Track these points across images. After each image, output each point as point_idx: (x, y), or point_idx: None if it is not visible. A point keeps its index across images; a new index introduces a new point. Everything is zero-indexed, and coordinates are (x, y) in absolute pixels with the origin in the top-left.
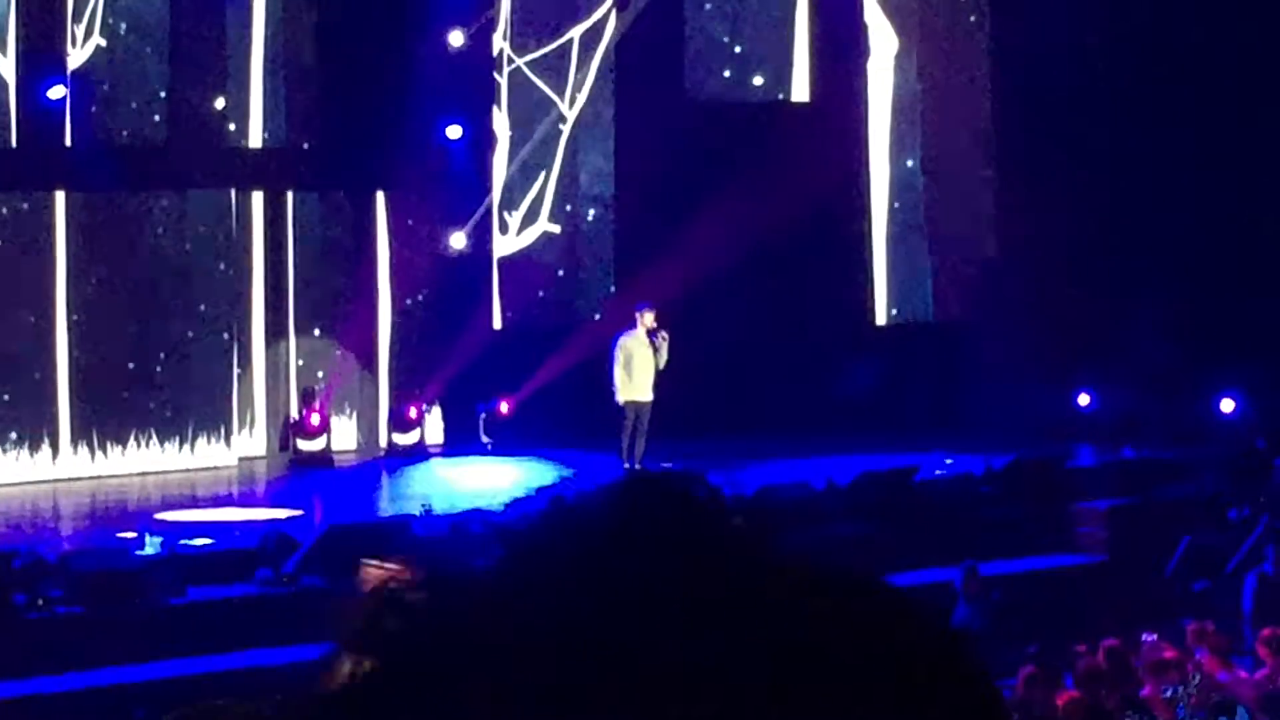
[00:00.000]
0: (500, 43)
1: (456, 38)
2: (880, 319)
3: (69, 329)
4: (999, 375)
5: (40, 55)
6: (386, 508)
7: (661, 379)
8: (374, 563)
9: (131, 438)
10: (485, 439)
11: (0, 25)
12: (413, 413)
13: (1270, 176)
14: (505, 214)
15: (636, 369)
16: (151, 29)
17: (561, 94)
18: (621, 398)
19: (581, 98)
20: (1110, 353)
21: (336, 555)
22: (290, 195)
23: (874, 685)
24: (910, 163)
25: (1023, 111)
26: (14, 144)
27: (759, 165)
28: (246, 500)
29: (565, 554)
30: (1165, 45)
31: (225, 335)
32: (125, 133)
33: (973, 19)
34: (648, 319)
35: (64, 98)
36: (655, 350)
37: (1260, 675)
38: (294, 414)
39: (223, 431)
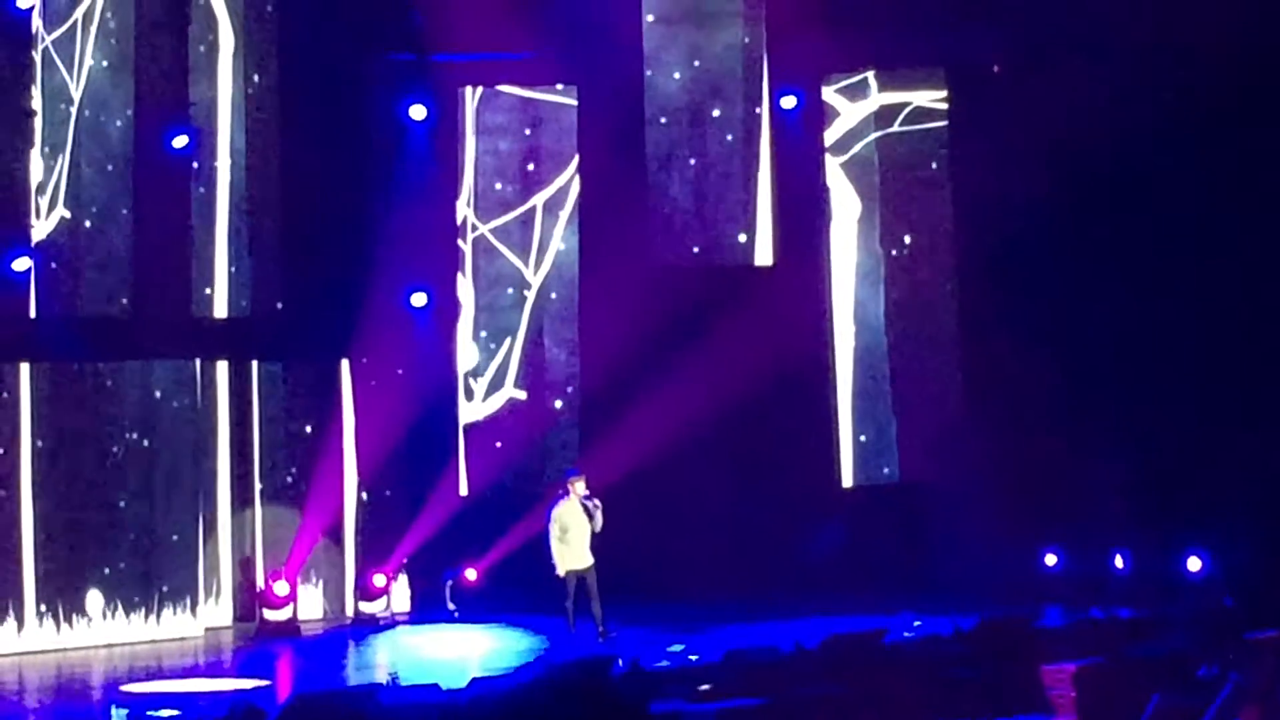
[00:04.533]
0: (464, 210)
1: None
2: (847, 480)
3: (33, 500)
4: (966, 536)
5: (4, 227)
6: (353, 677)
7: (625, 542)
8: None
9: (97, 609)
10: (452, 607)
11: None
12: (379, 581)
13: (1233, 335)
14: (470, 380)
15: (574, 537)
16: (115, 199)
17: (525, 260)
18: (562, 569)
19: (545, 263)
20: (1076, 512)
21: None
22: (255, 364)
23: None
24: (873, 323)
25: (985, 270)
26: None
27: (723, 329)
28: (213, 670)
29: None
30: (1135, 201)
31: (191, 505)
32: (89, 303)
33: (933, 179)
34: (579, 487)
35: (29, 269)
36: (590, 516)
37: None
38: (260, 583)
39: (189, 601)
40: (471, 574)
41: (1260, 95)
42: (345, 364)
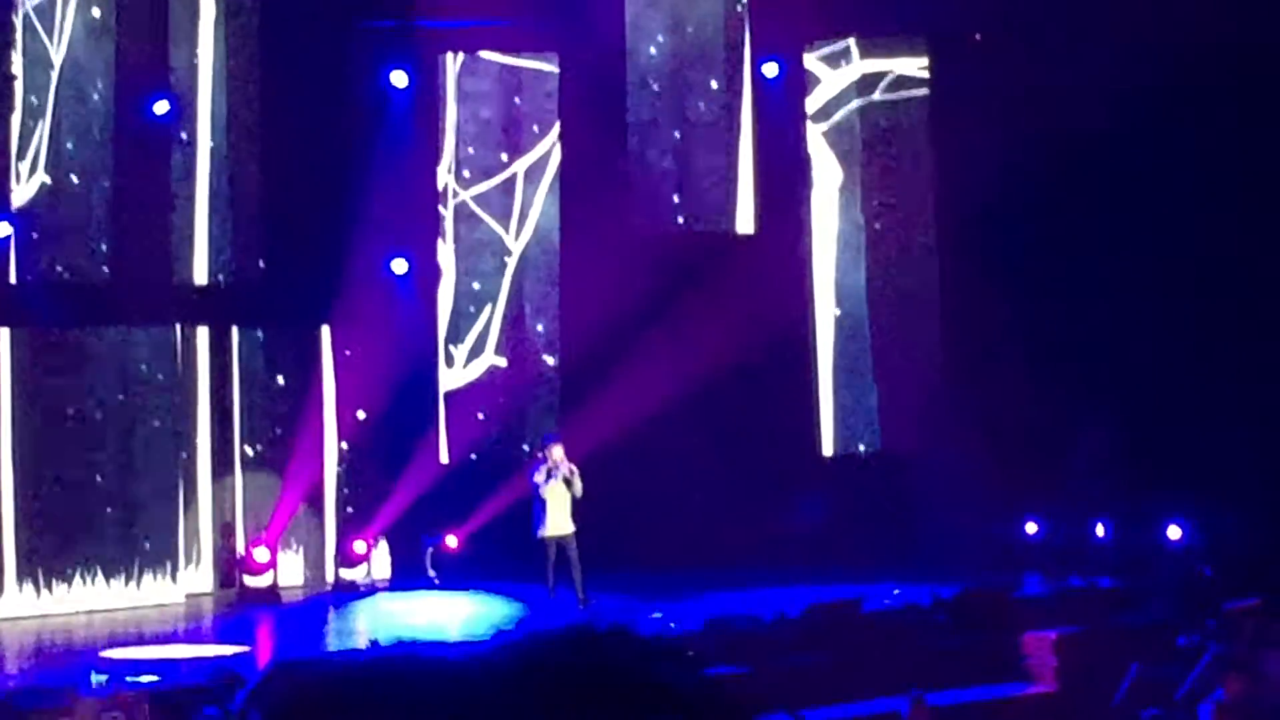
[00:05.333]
0: (445, 176)
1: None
2: (827, 449)
3: (13, 467)
4: (946, 505)
5: None
6: (334, 643)
7: (605, 511)
8: None
9: (77, 575)
10: (432, 573)
11: None
12: (360, 547)
13: (1215, 305)
14: (451, 347)
15: (551, 505)
16: (96, 165)
17: (506, 227)
18: (542, 533)
19: (526, 231)
20: (1057, 481)
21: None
22: (235, 331)
23: None
24: (855, 292)
25: (968, 239)
26: None
27: (704, 297)
28: (193, 636)
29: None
30: (1117, 170)
31: (171, 471)
32: (70, 270)
33: (915, 147)
34: (555, 453)
35: (8, 236)
36: (568, 483)
37: None
38: (240, 550)
39: (169, 567)
40: (452, 540)
41: (1247, 61)
42: (326, 330)
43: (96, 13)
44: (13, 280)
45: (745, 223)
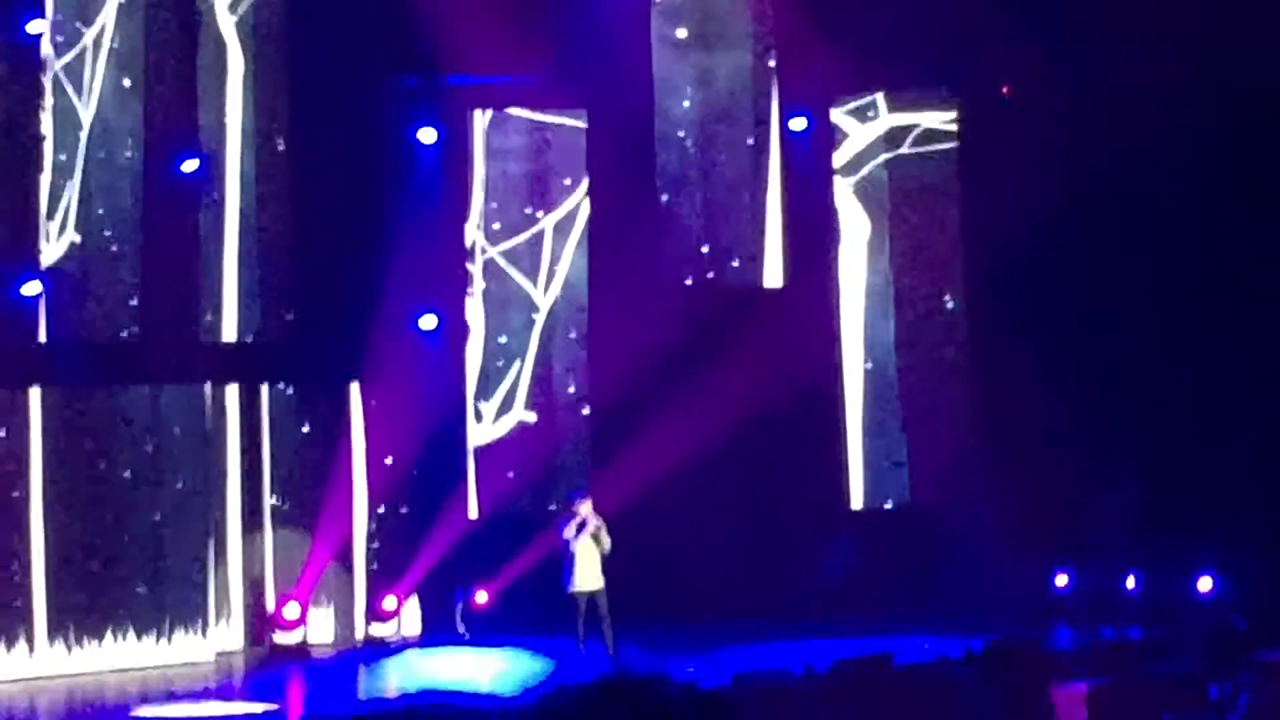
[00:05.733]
0: (473, 232)
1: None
2: (856, 503)
3: (44, 524)
4: (976, 557)
5: (14, 251)
6: (364, 699)
7: (635, 563)
8: None
9: (108, 632)
10: (462, 629)
11: None
12: (390, 604)
13: (1244, 357)
14: (480, 403)
15: (581, 560)
16: (125, 224)
17: (535, 282)
18: (572, 589)
19: (555, 285)
20: (1087, 533)
21: None
22: (264, 387)
23: None
24: (883, 345)
25: (995, 292)
26: None
27: (733, 351)
28: (224, 693)
29: None
30: (1142, 220)
31: (201, 528)
32: (100, 328)
33: (943, 200)
34: (583, 508)
35: (38, 295)
36: (596, 539)
37: None
38: (270, 606)
39: (199, 624)
40: (482, 596)
41: (1274, 120)
42: (355, 387)
43: (125, 72)
44: (43, 339)
45: (774, 276)
